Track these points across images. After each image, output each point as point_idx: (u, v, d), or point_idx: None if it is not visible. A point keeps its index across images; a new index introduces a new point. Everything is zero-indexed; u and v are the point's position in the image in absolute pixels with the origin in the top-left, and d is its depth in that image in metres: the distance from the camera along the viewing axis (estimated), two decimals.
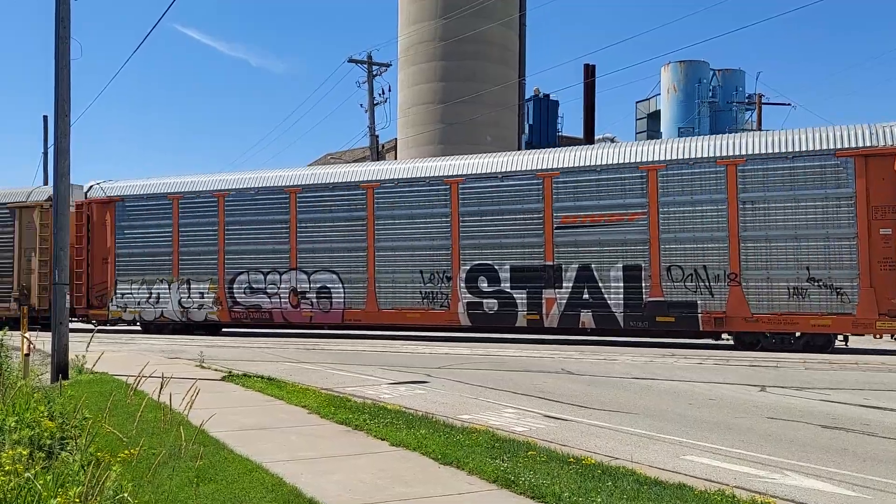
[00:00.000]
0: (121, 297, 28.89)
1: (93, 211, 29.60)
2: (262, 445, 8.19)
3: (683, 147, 21.58)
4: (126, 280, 28.88)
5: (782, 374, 15.16)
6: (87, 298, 29.30)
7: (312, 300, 26.04)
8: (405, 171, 25.46)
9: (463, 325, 23.95)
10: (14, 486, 5.29)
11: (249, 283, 27.09)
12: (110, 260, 29.20)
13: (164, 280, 28.28)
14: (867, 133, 19.63)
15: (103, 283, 29.27)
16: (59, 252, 14.31)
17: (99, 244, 29.39)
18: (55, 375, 13.33)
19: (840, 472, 7.36)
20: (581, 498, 6.11)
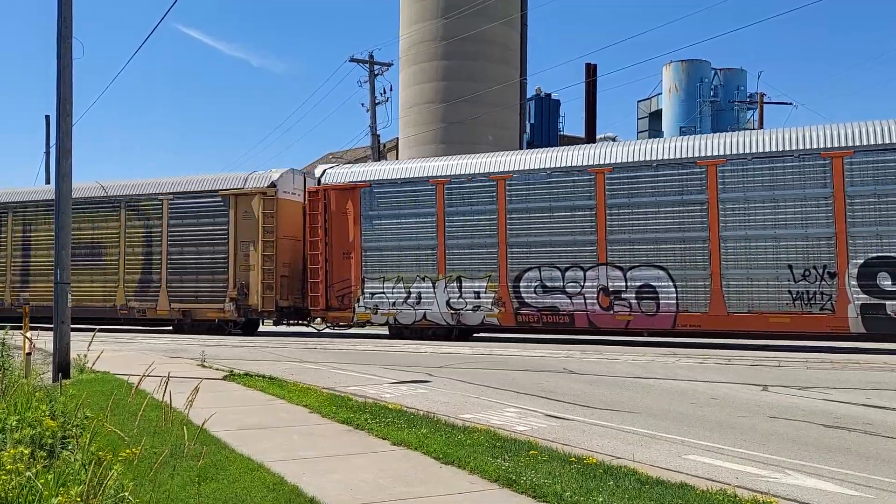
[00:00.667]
0: (370, 298, 25.31)
1: (330, 199, 26.13)
2: (264, 445, 8.19)
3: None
4: (376, 277, 25.33)
5: (784, 373, 15.15)
6: (324, 298, 25.95)
7: (630, 301, 22.05)
8: (766, 143, 21.21)
9: (853, 331, 19.93)
10: (16, 485, 5.29)
11: (541, 281, 23.19)
12: (354, 255, 25.72)
13: (426, 277, 24.64)
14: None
15: (345, 280, 25.83)
16: (60, 251, 14.31)
17: (339, 236, 25.94)
18: (57, 374, 13.33)
19: (843, 471, 7.35)
20: (583, 497, 6.10)
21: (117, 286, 29.47)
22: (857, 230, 19.76)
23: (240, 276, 27.33)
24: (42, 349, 16.43)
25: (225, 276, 27.64)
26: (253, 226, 27.26)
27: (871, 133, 19.96)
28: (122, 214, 29.63)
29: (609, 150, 23.18)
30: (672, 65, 64.59)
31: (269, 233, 27.02)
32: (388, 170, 26.09)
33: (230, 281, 27.46)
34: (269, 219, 27.03)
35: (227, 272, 27.62)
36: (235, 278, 27.37)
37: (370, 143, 45.11)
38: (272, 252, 26.91)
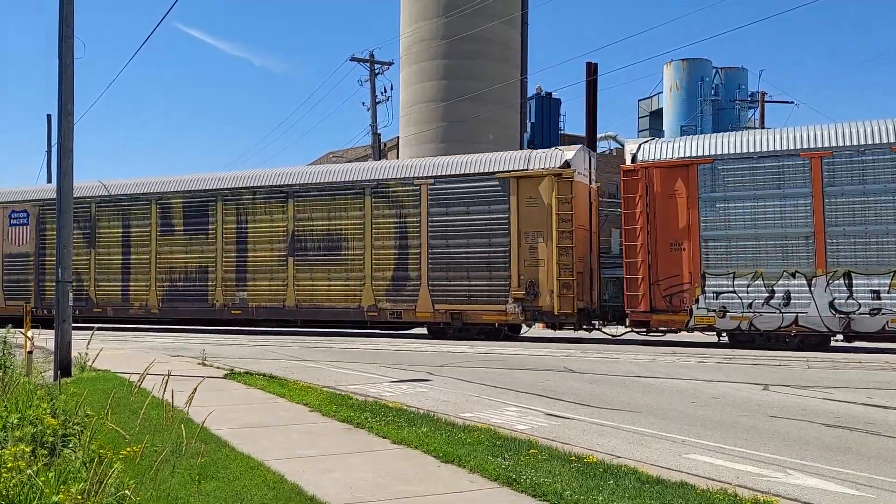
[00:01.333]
0: (713, 298, 21.00)
1: (653, 178, 21.92)
2: (264, 443, 8.19)
3: None
4: (723, 273, 20.97)
5: (785, 372, 15.14)
6: (647, 299, 21.74)
7: None
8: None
9: None
10: (16, 483, 5.29)
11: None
12: (688, 245, 21.43)
13: (796, 273, 20.28)
14: None
15: (674, 277, 21.61)
16: (61, 250, 14.31)
17: (664, 224, 21.76)
18: (58, 373, 13.33)
19: (844, 471, 7.34)
20: (583, 496, 6.10)
21: (362, 284, 25.50)
22: None
23: (524, 272, 23.41)
24: (43, 347, 16.45)
25: (505, 272, 23.67)
26: (541, 213, 23.31)
27: None
28: (368, 202, 25.51)
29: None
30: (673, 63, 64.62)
31: (565, 221, 23.07)
32: (738, 142, 21.54)
33: (513, 278, 23.49)
34: (565, 205, 23.07)
35: (507, 268, 23.64)
36: (519, 275, 23.41)
37: (371, 142, 45.12)
38: (569, 244, 23.06)
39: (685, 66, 63.94)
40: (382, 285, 25.30)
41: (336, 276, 26.01)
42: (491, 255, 23.90)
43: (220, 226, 27.94)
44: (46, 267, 29.82)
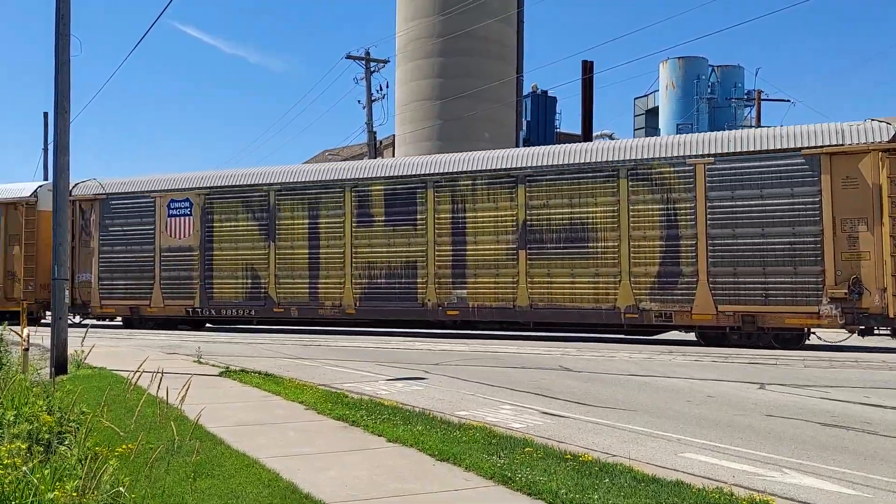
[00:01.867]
0: None
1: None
2: (259, 441, 8.18)
3: None
4: None
5: (782, 371, 15.16)
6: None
7: None
8: None
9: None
10: (12, 480, 5.29)
11: None
12: None
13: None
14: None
15: None
16: (57, 248, 14.29)
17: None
18: (54, 370, 13.32)
19: (840, 470, 7.35)
20: (578, 495, 6.10)
21: (618, 282, 22.05)
22: None
23: (841, 266, 19.95)
24: (39, 345, 16.43)
25: (816, 266, 20.11)
26: (863, 196, 19.88)
27: None
28: (623, 185, 22.18)
29: None
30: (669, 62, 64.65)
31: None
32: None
33: (828, 273, 19.96)
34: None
35: (819, 261, 20.10)
36: (836, 270, 19.92)
37: (367, 140, 45.10)
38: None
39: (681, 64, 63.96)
40: (645, 282, 21.80)
41: (582, 271, 22.53)
42: (795, 245, 20.40)
43: (431, 215, 24.55)
44: (214, 262, 27.05)
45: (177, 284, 27.73)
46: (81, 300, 28.77)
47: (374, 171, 25.65)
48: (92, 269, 28.72)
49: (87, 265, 28.80)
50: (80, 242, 28.76)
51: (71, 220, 26.94)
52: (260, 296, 26.31)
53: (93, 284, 28.64)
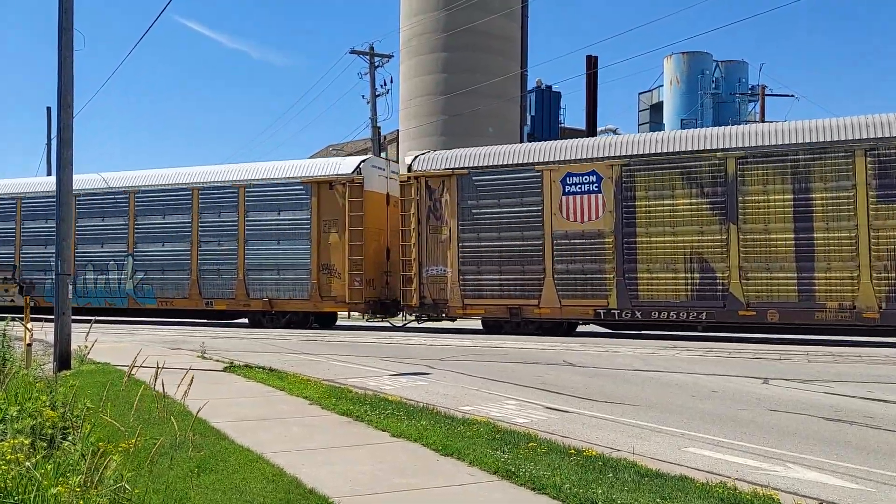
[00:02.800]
0: None
1: None
2: (263, 436, 8.18)
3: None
4: None
5: (785, 366, 15.14)
6: None
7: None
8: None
9: None
10: (15, 475, 5.29)
11: None
12: None
13: None
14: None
15: None
16: (61, 242, 14.30)
17: None
18: (57, 365, 13.34)
19: (843, 464, 7.33)
20: (582, 489, 6.09)
21: (855, 278, 19.32)
22: None
23: None
24: (42, 340, 16.45)
25: None
26: None
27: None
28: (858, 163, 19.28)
29: None
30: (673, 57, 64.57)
31: None
32: None
33: None
34: None
35: None
36: None
37: (370, 135, 45.08)
38: None
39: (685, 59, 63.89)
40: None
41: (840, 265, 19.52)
42: None
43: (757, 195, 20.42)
44: (638, 251, 21.59)
45: (579, 279, 22.42)
46: (432, 299, 24.21)
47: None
48: (448, 262, 23.90)
49: (438, 256, 24.07)
50: (426, 228, 24.20)
51: (416, 201, 24.30)
52: (717, 293, 20.73)
53: (449, 280, 23.89)
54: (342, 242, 25.46)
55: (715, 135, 21.43)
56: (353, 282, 25.24)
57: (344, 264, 25.37)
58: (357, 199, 25.38)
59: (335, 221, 25.70)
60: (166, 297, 28.18)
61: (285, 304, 26.32)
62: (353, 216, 25.33)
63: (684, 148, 21.29)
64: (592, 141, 23.47)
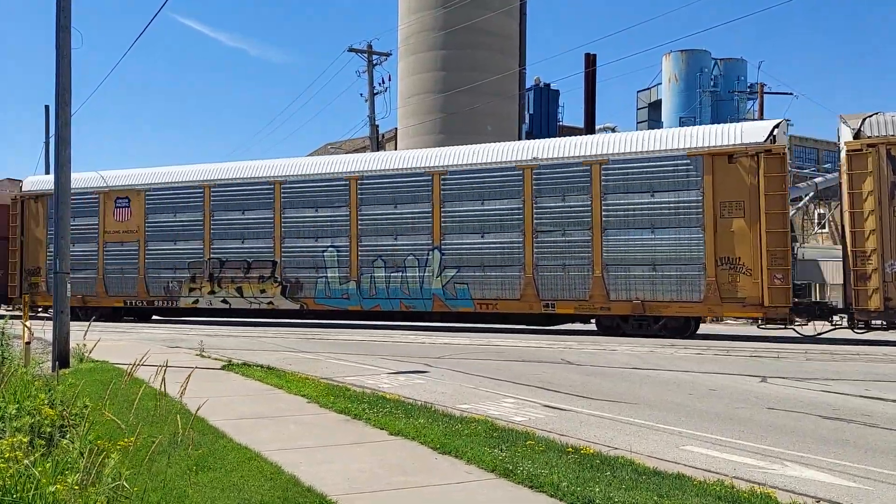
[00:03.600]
0: None
1: None
2: (261, 434, 8.19)
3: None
4: None
5: (783, 365, 15.16)
6: None
7: None
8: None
9: None
10: (14, 473, 5.29)
11: None
12: None
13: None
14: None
15: None
16: (59, 241, 14.29)
17: None
18: (55, 364, 13.33)
19: (840, 462, 7.35)
20: (579, 487, 6.10)
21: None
22: None
23: None
24: (41, 338, 16.44)
25: None
26: None
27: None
28: None
29: None
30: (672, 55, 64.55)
31: None
32: None
33: None
34: None
35: None
36: None
37: (369, 133, 45.06)
38: None
39: (684, 57, 63.87)
40: None
41: None
42: None
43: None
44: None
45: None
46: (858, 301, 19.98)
47: None
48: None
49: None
50: (889, 211, 19.86)
51: (873, 176, 19.95)
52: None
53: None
54: (753, 230, 20.86)
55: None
56: (773, 279, 20.64)
57: (757, 257, 20.78)
58: (777, 173, 20.77)
59: (738, 204, 21.06)
60: (487, 299, 23.80)
61: (663, 307, 21.78)
62: (771, 196, 20.65)
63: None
64: None
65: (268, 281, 26.56)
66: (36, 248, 30.33)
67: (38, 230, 30.36)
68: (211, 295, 27.43)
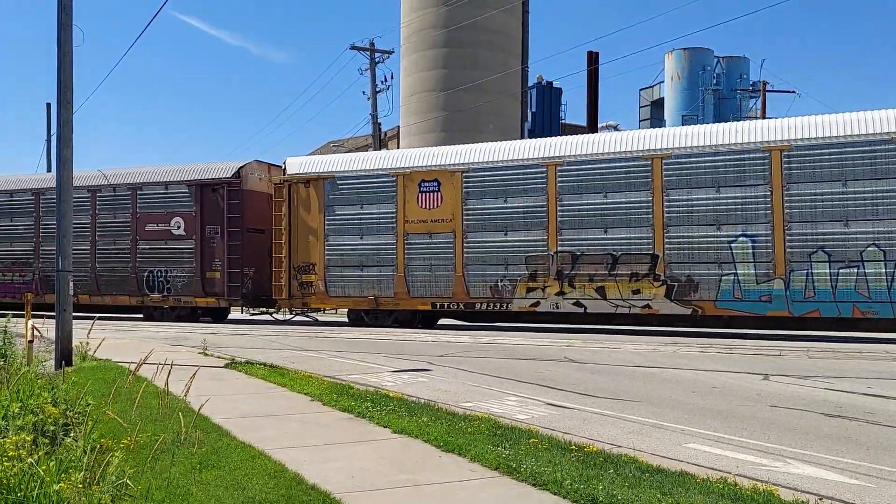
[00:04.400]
0: None
1: None
2: (265, 432, 8.20)
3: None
4: None
5: (786, 362, 15.15)
6: None
7: None
8: None
9: None
10: (18, 472, 5.30)
11: None
12: None
13: None
14: None
15: None
16: (61, 239, 14.30)
17: None
18: (59, 362, 13.34)
19: (843, 460, 7.35)
20: (583, 485, 6.11)
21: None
22: None
23: None
24: (45, 337, 16.45)
25: None
26: None
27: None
28: None
29: None
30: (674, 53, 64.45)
31: None
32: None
33: None
34: None
35: None
36: None
37: (371, 131, 45.06)
38: None
39: (686, 55, 63.76)
40: None
41: None
42: None
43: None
44: None
45: None
46: None
47: None
48: None
49: None
50: None
51: None
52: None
53: None
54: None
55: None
56: None
57: None
58: None
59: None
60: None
61: None
62: None
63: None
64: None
65: (644, 279, 21.66)
66: (307, 240, 25.78)
67: (310, 219, 25.77)
68: (559, 296, 22.58)
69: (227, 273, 27.20)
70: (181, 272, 27.89)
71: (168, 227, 28.18)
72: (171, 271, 28.04)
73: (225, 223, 27.32)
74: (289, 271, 25.88)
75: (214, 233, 27.52)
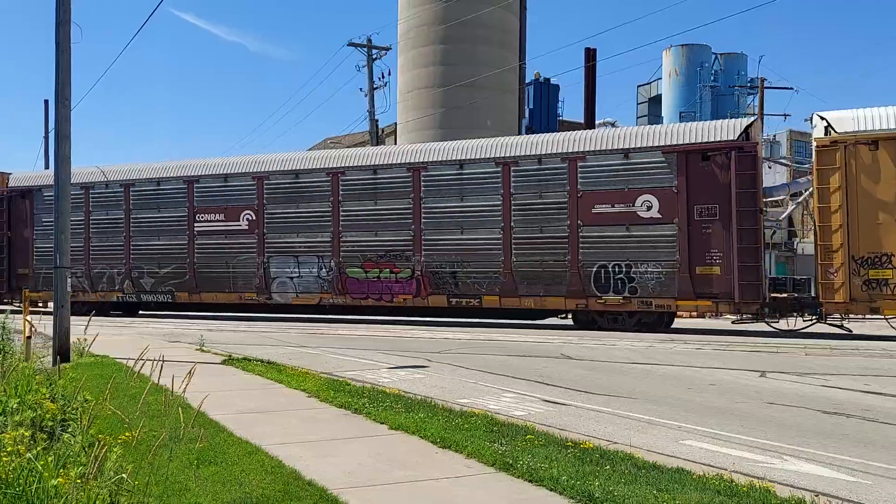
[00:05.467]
0: None
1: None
2: (262, 428, 8.21)
3: None
4: None
5: (783, 359, 15.18)
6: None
7: None
8: None
9: None
10: (16, 467, 5.31)
11: None
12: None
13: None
14: None
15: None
16: (59, 236, 14.28)
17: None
18: (56, 358, 13.34)
19: (840, 457, 7.37)
20: (579, 481, 6.12)
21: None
22: None
23: None
24: (42, 333, 16.46)
25: None
26: None
27: None
28: None
29: None
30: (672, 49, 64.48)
31: None
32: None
33: None
34: None
35: None
36: None
37: (368, 127, 45.00)
38: None
39: (684, 51, 63.80)
40: None
41: None
42: None
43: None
44: None
45: None
46: None
47: None
48: None
49: None
50: None
51: None
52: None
53: None
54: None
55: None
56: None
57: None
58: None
59: None
60: None
61: None
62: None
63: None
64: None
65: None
66: (874, 221, 20.06)
67: (880, 191, 19.98)
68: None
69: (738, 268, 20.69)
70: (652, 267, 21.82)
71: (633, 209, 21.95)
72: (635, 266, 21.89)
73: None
74: (848, 265, 20.10)
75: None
